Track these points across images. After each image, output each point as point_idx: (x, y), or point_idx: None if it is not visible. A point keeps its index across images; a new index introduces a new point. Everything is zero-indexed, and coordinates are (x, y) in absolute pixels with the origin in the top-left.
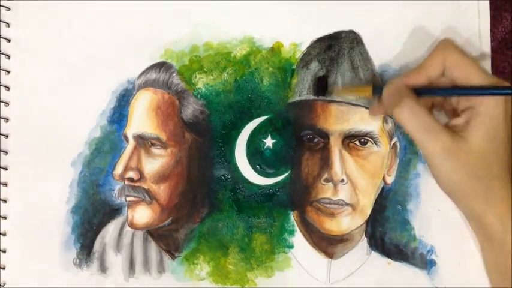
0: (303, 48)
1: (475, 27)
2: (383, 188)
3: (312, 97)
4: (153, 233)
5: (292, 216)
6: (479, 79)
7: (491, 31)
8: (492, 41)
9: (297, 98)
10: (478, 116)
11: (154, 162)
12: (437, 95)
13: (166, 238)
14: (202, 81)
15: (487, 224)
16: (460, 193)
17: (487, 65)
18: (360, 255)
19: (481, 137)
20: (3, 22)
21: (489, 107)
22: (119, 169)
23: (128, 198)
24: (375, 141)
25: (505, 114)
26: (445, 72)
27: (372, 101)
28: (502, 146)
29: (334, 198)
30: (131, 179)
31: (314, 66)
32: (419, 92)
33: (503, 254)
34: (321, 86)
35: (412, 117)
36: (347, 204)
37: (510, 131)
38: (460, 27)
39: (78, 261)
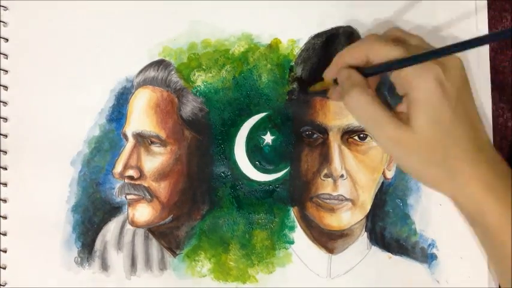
0: (301, 44)
1: (473, 27)
2: (383, 182)
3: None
4: (154, 230)
5: (293, 212)
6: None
7: (491, 31)
8: None
9: (296, 94)
10: (414, 103)
11: (154, 160)
12: (388, 70)
13: (167, 235)
14: (200, 79)
15: (460, 204)
16: (423, 179)
17: (486, 64)
18: (360, 250)
19: (424, 122)
20: (1, 22)
21: (421, 91)
22: (118, 167)
23: (128, 197)
24: None
25: (442, 93)
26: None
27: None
28: (453, 126)
29: (334, 194)
30: (131, 177)
31: (312, 62)
32: (368, 72)
33: (485, 232)
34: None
35: (359, 108)
36: (347, 200)
37: (460, 110)
38: (458, 27)
39: (79, 260)
